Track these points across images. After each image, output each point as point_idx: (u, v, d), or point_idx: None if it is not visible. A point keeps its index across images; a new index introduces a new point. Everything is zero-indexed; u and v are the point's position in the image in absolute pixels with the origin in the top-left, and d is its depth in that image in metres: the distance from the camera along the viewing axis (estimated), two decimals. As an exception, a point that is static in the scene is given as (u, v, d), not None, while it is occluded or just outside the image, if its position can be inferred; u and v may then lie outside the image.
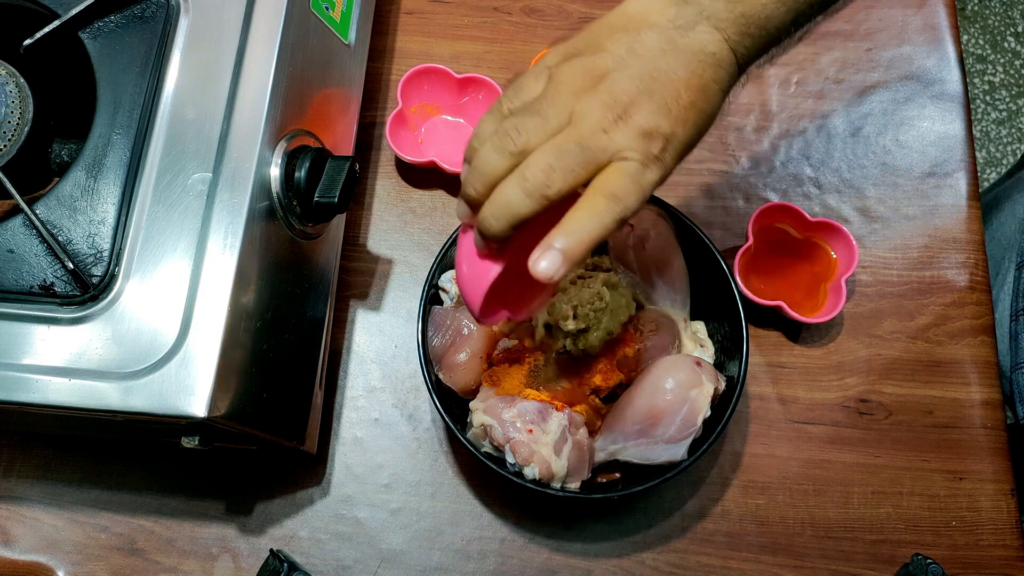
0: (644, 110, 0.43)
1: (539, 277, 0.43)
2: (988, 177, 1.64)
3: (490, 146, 0.45)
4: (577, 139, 0.43)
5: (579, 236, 0.43)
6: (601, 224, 0.43)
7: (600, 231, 0.43)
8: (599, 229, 0.43)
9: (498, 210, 0.44)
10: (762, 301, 0.67)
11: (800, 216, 0.70)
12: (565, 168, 0.43)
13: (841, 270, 0.69)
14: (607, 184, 0.43)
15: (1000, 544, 0.64)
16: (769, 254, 0.71)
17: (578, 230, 0.43)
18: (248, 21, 0.56)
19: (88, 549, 0.65)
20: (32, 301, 0.51)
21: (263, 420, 0.55)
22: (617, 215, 0.43)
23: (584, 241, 0.43)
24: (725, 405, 0.59)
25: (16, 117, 0.55)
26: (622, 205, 0.43)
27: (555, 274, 0.43)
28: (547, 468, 0.56)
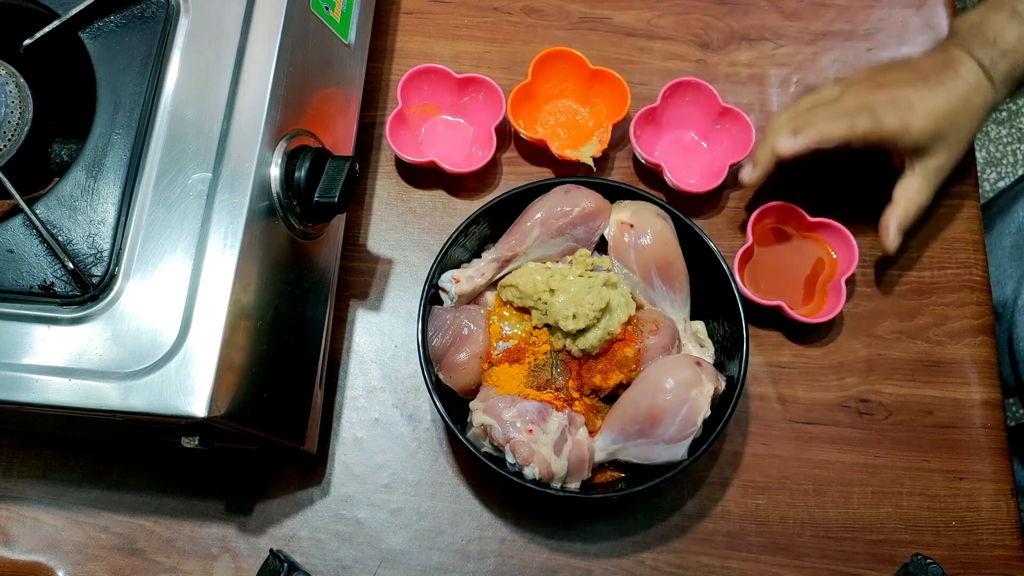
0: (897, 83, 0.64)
1: (776, 149, 0.63)
2: (988, 177, 1.64)
3: (784, 124, 0.65)
4: (837, 100, 0.65)
5: (811, 126, 0.63)
6: (830, 125, 0.63)
7: (828, 128, 0.62)
8: (829, 127, 0.62)
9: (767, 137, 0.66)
10: (762, 301, 0.67)
11: (800, 216, 0.70)
12: (820, 110, 0.65)
13: (841, 270, 0.69)
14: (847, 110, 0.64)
15: (1000, 544, 0.64)
16: (769, 254, 0.71)
17: (813, 122, 0.63)
18: (248, 21, 0.56)
19: (88, 549, 0.65)
20: (32, 301, 0.51)
21: (263, 420, 0.55)
22: (845, 124, 0.62)
23: (814, 132, 0.63)
24: (725, 405, 0.59)
25: (16, 117, 0.55)
26: (852, 120, 0.62)
27: (790, 148, 0.63)
28: (547, 468, 0.56)
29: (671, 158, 0.74)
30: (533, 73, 0.74)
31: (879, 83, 0.64)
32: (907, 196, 0.66)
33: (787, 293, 0.69)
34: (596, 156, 0.71)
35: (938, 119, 0.62)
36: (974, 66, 0.63)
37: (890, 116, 0.62)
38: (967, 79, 0.63)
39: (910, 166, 0.65)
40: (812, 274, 0.70)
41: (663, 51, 0.79)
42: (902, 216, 0.66)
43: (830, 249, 0.70)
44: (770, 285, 0.70)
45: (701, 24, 0.80)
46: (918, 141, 0.63)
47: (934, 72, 0.64)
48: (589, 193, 0.63)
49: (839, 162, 0.75)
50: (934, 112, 0.62)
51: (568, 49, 0.74)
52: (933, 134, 0.63)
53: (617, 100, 0.73)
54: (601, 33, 0.79)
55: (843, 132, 0.62)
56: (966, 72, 0.63)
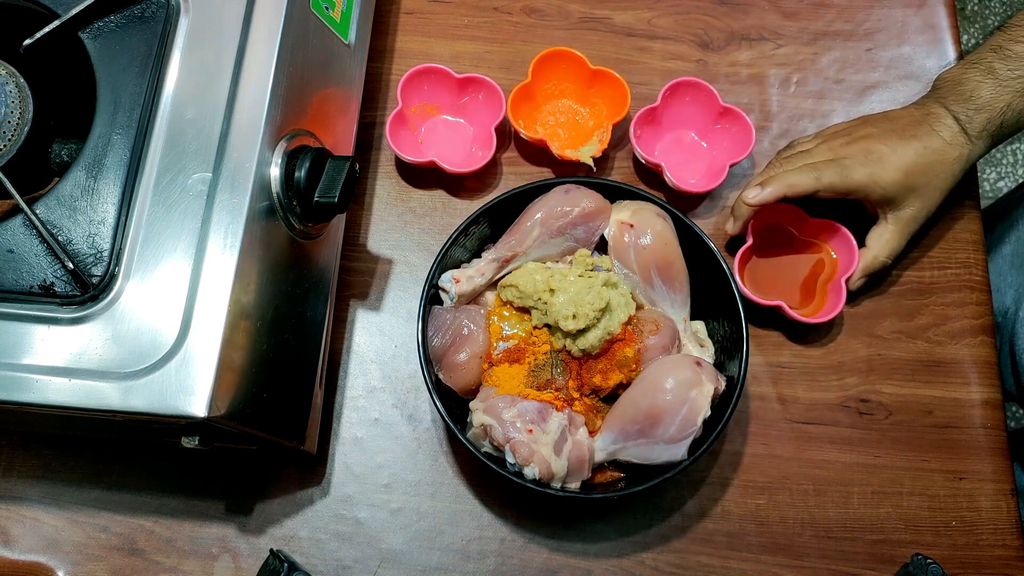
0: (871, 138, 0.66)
1: (747, 201, 0.66)
2: (988, 177, 1.64)
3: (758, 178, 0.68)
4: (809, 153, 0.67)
5: (778, 180, 0.65)
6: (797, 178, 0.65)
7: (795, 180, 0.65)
8: (795, 179, 0.65)
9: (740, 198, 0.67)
10: (762, 301, 0.67)
11: (800, 216, 0.70)
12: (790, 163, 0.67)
13: (841, 270, 0.69)
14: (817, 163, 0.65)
15: (1000, 544, 0.64)
16: (769, 253, 0.71)
17: (778, 176, 0.65)
18: (248, 21, 0.56)
19: (88, 549, 0.65)
20: (32, 301, 0.51)
21: (263, 420, 0.55)
22: (812, 176, 0.64)
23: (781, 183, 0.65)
24: (725, 405, 0.59)
25: (16, 117, 0.55)
26: (817, 173, 0.64)
27: (756, 198, 0.65)
28: (547, 468, 0.56)
29: (671, 158, 0.74)
30: (533, 73, 0.73)
31: (854, 137, 0.66)
32: (878, 243, 0.68)
33: (787, 293, 0.69)
34: (596, 156, 0.71)
35: (908, 172, 0.64)
36: (951, 120, 0.65)
37: (859, 169, 0.64)
38: (942, 133, 0.65)
39: (883, 215, 0.68)
40: (812, 274, 0.71)
41: (663, 51, 0.79)
42: (869, 262, 0.68)
43: (830, 249, 0.70)
44: (770, 285, 0.70)
45: (701, 24, 0.80)
46: (888, 193, 0.65)
47: (910, 126, 0.66)
48: (589, 193, 0.63)
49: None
50: (905, 166, 0.64)
51: (568, 49, 0.74)
52: (903, 186, 0.65)
53: (617, 100, 0.73)
54: (601, 33, 0.79)
55: (808, 184, 0.64)
56: (941, 127, 0.65)
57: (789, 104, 0.77)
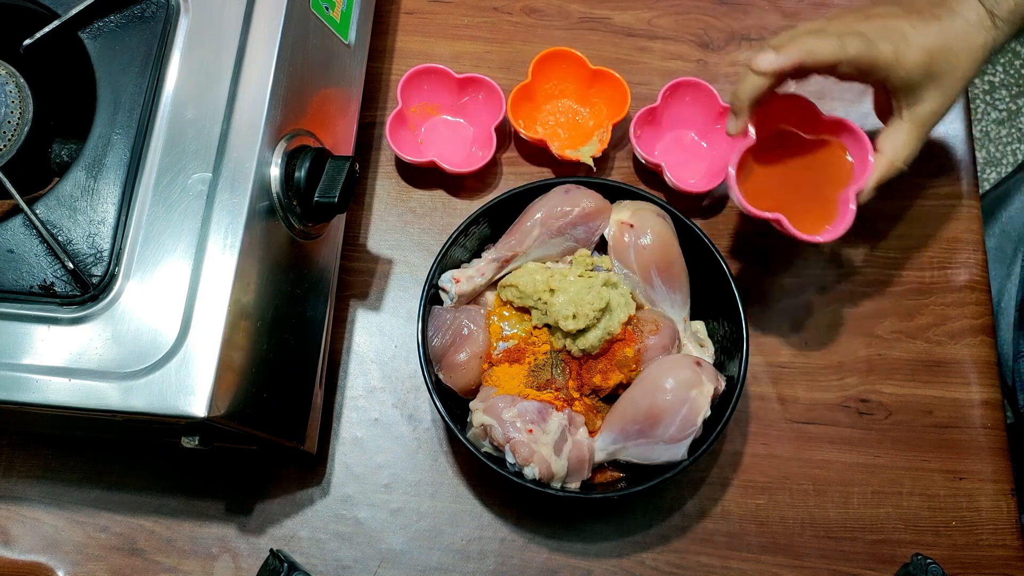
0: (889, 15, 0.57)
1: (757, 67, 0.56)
2: (988, 177, 1.64)
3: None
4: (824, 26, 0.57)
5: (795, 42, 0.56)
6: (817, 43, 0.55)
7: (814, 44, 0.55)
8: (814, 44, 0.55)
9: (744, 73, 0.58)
10: (759, 213, 0.59)
11: (812, 112, 0.62)
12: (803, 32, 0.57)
13: (855, 179, 0.60)
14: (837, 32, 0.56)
15: (1000, 544, 0.64)
16: (773, 159, 0.62)
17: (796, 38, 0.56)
18: (248, 21, 0.56)
19: (88, 549, 0.65)
20: (32, 301, 0.51)
21: (263, 420, 0.55)
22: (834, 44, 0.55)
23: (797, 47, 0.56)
24: (725, 405, 0.59)
25: (16, 117, 0.55)
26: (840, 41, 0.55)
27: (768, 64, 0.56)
28: (547, 468, 0.56)
29: (671, 158, 0.74)
30: (533, 73, 0.73)
31: (870, 14, 0.58)
32: (894, 146, 0.60)
33: (791, 206, 0.60)
34: (596, 156, 0.71)
35: (933, 54, 0.56)
36: (974, 2, 0.57)
37: (883, 43, 0.56)
38: (966, 15, 0.57)
39: (898, 111, 0.60)
40: (822, 184, 0.62)
41: (663, 51, 0.79)
42: (885, 169, 0.60)
43: (845, 154, 0.61)
44: (772, 196, 0.61)
45: (701, 24, 0.80)
46: (911, 77, 0.57)
47: (931, 5, 0.58)
48: (589, 193, 0.63)
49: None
50: (929, 46, 0.56)
51: (568, 49, 0.74)
52: (926, 71, 0.57)
53: (617, 100, 0.73)
54: (601, 33, 0.79)
55: (831, 51, 0.55)
56: (965, 6, 0.57)
57: (789, 104, 0.77)
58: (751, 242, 0.73)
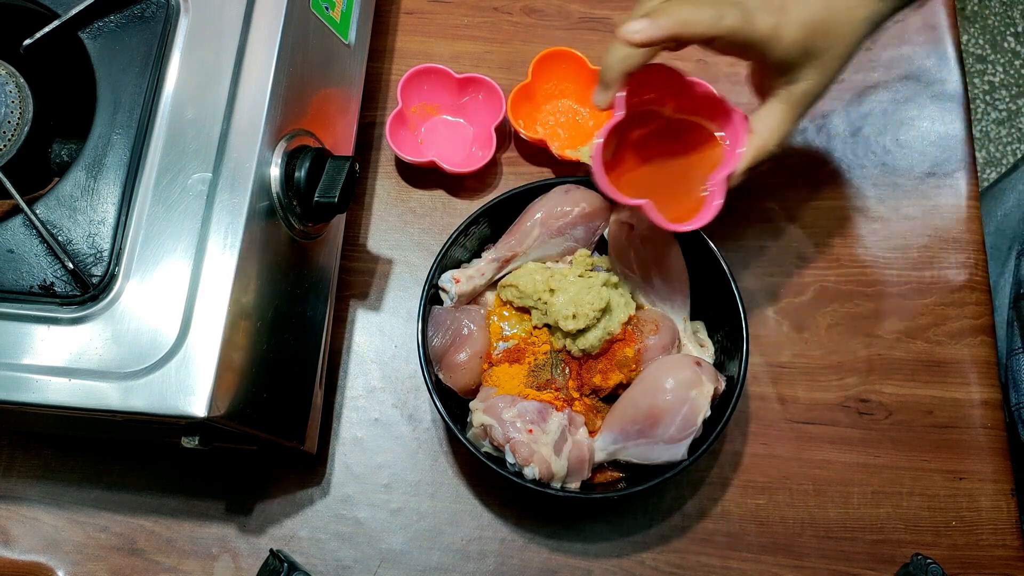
0: None
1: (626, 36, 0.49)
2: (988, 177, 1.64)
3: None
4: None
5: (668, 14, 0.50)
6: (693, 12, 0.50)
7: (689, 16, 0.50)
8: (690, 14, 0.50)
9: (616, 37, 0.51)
10: (623, 199, 0.54)
11: (686, 86, 0.56)
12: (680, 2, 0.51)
13: (728, 161, 0.56)
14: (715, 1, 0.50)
15: (1000, 544, 0.64)
16: (644, 137, 0.57)
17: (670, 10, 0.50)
18: (248, 21, 0.56)
19: (88, 549, 0.65)
20: (32, 301, 0.51)
21: (263, 420, 0.55)
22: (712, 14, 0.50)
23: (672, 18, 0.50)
24: (725, 405, 0.59)
25: (16, 117, 0.55)
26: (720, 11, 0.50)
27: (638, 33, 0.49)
28: (547, 468, 0.56)
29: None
30: (533, 73, 0.73)
31: None
32: (767, 127, 0.55)
33: (661, 190, 0.56)
34: (596, 156, 0.71)
35: (813, 31, 0.52)
36: None
37: (762, 16, 0.51)
38: None
39: (774, 90, 0.55)
40: (694, 166, 0.57)
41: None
42: (758, 150, 0.55)
43: (719, 133, 0.56)
44: (643, 179, 0.57)
45: (701, 24, 0.80)
46: (787, 55, 0.52)
47: None
48: (589, 193, 0.63)
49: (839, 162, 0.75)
50: (809, 21, 0.51)
51: (568, 49, 0.74)
52: (804, 48, 0.52)
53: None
54: (601, 33, 0.79)
55: (707, 24, 0.50)
56: None
57: (789, 104, 0.77)
58: (751, 241, 0.73)
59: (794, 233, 0.73)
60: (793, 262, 0.72)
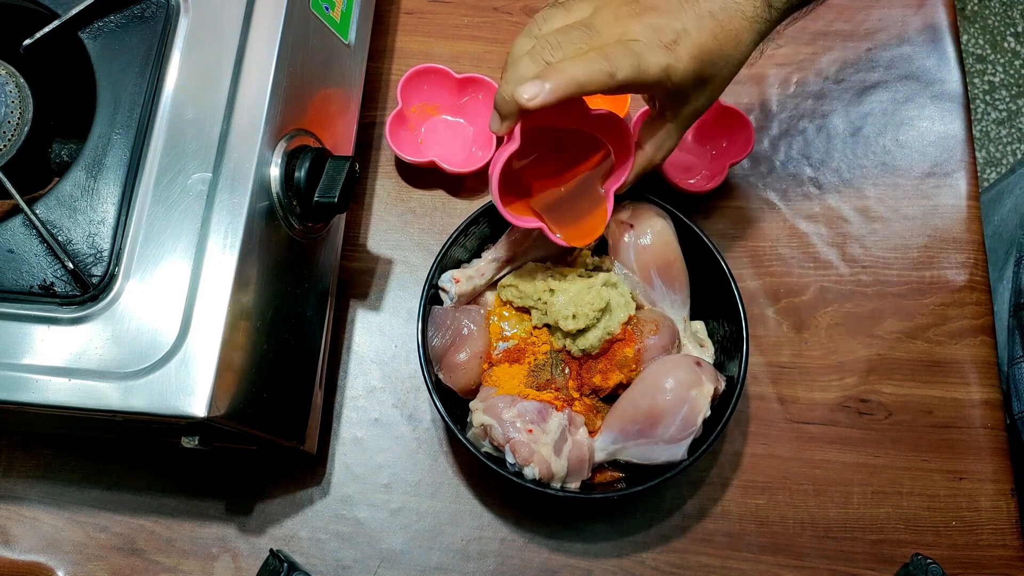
0: (660, 9, 0.49)
1: (521, 102, 0.48)
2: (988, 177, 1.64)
3: (520, 36, 0.51)
4: (589, 23, 0.49)
5: (563, 75, 0.48)
6: (587, 71, 0.48)
7: (584, 76, 0.48)
8: (584, 74, 0.48)
9: (509, 77, 0.50)
10: (519, 222, 0.55)
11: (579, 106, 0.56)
12: (570, 41, 0.49)
13: (616, 175, 0.57)
14: (604, 47, 0.49)
15: (1000, 544, 0.64)
16: (539, 156, 0.57)
17: (563, 70, 0.48)
18: (248, 21, 0.56)
19: (88, 549, 0.65)
20: (32, 301, 0.51)
21: (263, 420, 0.55)
22: (605, 68, 0.48)
23: (566, 79, 0.48)
24: (725, 405, 0.59)
25: (16, 117, 0.55)
26: (612, 63, 0.48)
27: (535, 99, 0.48)
28: (547, 468, 0.56)
29: (671, 158, 0.74)
30: (533, 73, 0.73)
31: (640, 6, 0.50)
32: (655, 143, 0.56)
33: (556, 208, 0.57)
34: (596, 156, 0.71)
35: (702, 62, 0.50)
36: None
37: (653, 58, 0.49)
38: (743, 9, 0.51)
39: (661, 111, 0.56)
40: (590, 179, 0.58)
41: (663, 51, 0.79)
42: (644, 164, 0.57)
43: (609, 148, 0.58)
44: (539, 197, 0.58)
45: (701, 24, 0.80)
46: (679, 87, 0.52)
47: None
48: (589, 193, 0.63)
49: (839, 162, 0.75)
50: (698, 54, 0.50)
51: (568, 49, 0.74)
52: (694, 79, 0.51)
53: (617, 100, 0.73)
54: (601, 33, 0.79)
55: (601, 82, 0.48)
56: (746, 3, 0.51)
57: (789, 104, 0.77)
58: (751, 242, 0.73)
59: (794, 233, 0.73)
60: (793, 262, 0.72)
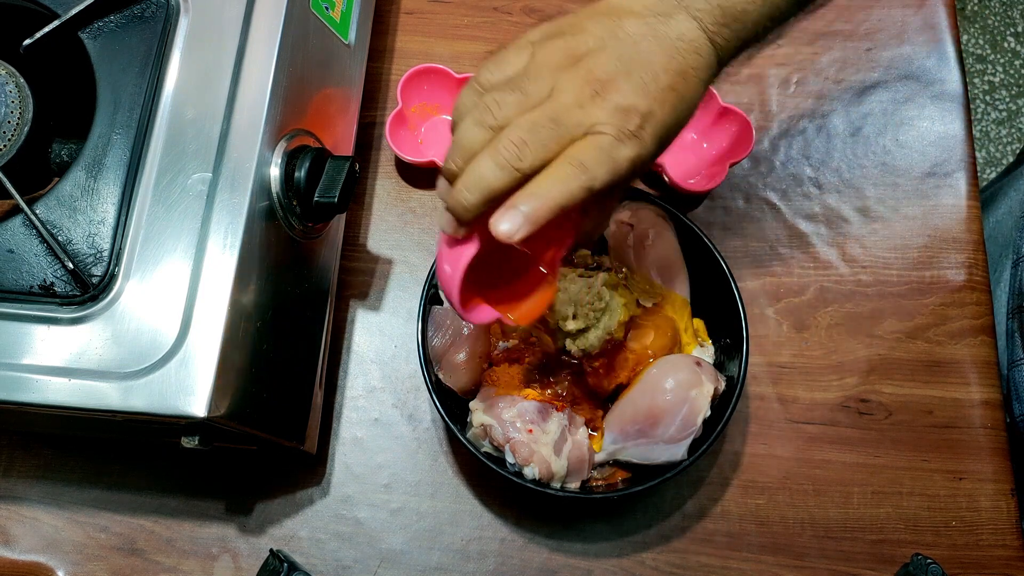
0: (622, 88, 0.44)
1: (500, 237, 0.43)
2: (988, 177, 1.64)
3: (470, 120, 0.45)
4: (552, 114, 0.44)
5: (542, 200, 0.43)
6: (566, 190, 0.43)
7: (564, 197, 0.43)
8: (563, 195, 0.43)
9: (471, 183, 0.44)
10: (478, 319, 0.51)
11: None
12: (537, 142, 0.43)
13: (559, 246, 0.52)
14: (577, 153, 0.43)
15: (1000, 544, 0.64)
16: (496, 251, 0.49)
17: (542, 194, 0.43)
18: (248, 21, 0.56)
19: (88, 549, 0.65)
20: (32, 301, 0.51)
21: (263, 420, 0.55)
22: (583, 183, 0.43)
23: (547, 205, 0.43)
24: (725, 405, 0.59)
25: (16, 117, 0.55)
26: (589, 174, 0.43)
27: (515, 234, 0.43)
28: (547, 468, 0.56)
29: (671, 158, 0.74)
30: (533, 73, 0.73)
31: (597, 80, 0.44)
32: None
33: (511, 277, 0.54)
34: (596, 156, 0.71)
35: (664, 140, 0.47)
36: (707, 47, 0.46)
37: (624, 151, 0.44)
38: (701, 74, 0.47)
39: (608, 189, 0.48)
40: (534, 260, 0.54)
41: (663, 51, 0.79)
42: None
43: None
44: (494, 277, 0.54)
45: (701, 24, 0.80)
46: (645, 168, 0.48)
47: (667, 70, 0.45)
48: (589, 193, 0.63)
49: (839, 162, 0.75)
50: (663, 131, 0.46)
51: (568, 49, 0.74)
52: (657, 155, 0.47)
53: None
54: (601, 33, 0.79)
55: (581, 195, 0.43)
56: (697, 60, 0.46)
57: (789, 104, 0.77)
58: (751, 241, 0.73)
59: (794, 233, 0.73)
60: (793, 262, 0.72)
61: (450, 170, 0.46)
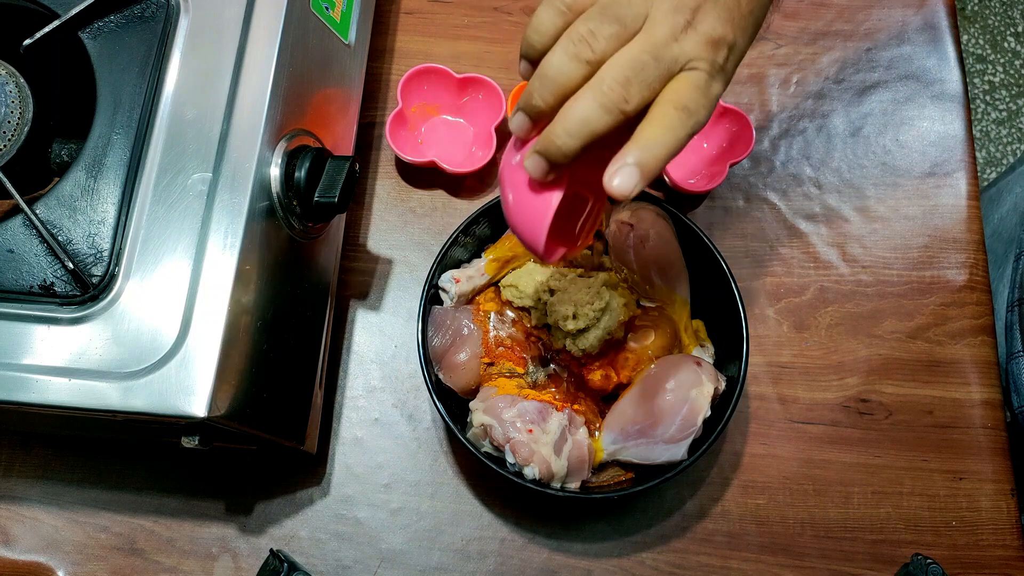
0: (710, 16, 0.42)
1: (616, 195, 0.41)
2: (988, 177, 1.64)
3: (562, 52, 0.42)
4: (652, 49, 0.41)
5: (655, 151, 0.41)
6: (676, 138, 0.41)
7: (675, 145, 0.41)
8: (674, 142, 0.41)
9: (573, 126, 0.41)
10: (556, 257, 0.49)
11: None
12: (642, 81, 0.41)
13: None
14: (679, 97, 0.41)
15: (1000, 544, 0.64)
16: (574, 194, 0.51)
17: (653, 144, 0.41)
18: (248, 21, 0.56)
19: (88, 549, 0.65)
20: (32, 301, 0.51)
21: (263, 420, 0.55)
22: (690, 128, 0.42)
23: (660, 156, 0.41)
24: (725, 405, 0.59)
25: (16, 117, 0.55)
26: (694, 118, 0.42)
27: (632, 190, 0.41)
28: (547, 468, 0.56)
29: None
30: (533, 73, 0.73)
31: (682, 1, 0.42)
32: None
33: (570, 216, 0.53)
34: (596, 156, 0.71)
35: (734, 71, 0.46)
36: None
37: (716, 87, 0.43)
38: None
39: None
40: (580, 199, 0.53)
41: (663, 51, 0.79)
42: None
43: None
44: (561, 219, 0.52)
45: (701, 24, 0.80)
46: None
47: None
48: (589, 193, 0.63)
49: (839, 162, 0.75)
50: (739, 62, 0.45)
51: (568, 49, 0.74)
52: None
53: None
54: (601, 33, 0.79)
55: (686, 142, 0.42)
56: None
57: (789, 104, 0.77)
58: (751, 241, 0.73)
59: (795, 233, 0.73)
60: (793, 262, 0.72)
61: (537, 108, 0.43)
